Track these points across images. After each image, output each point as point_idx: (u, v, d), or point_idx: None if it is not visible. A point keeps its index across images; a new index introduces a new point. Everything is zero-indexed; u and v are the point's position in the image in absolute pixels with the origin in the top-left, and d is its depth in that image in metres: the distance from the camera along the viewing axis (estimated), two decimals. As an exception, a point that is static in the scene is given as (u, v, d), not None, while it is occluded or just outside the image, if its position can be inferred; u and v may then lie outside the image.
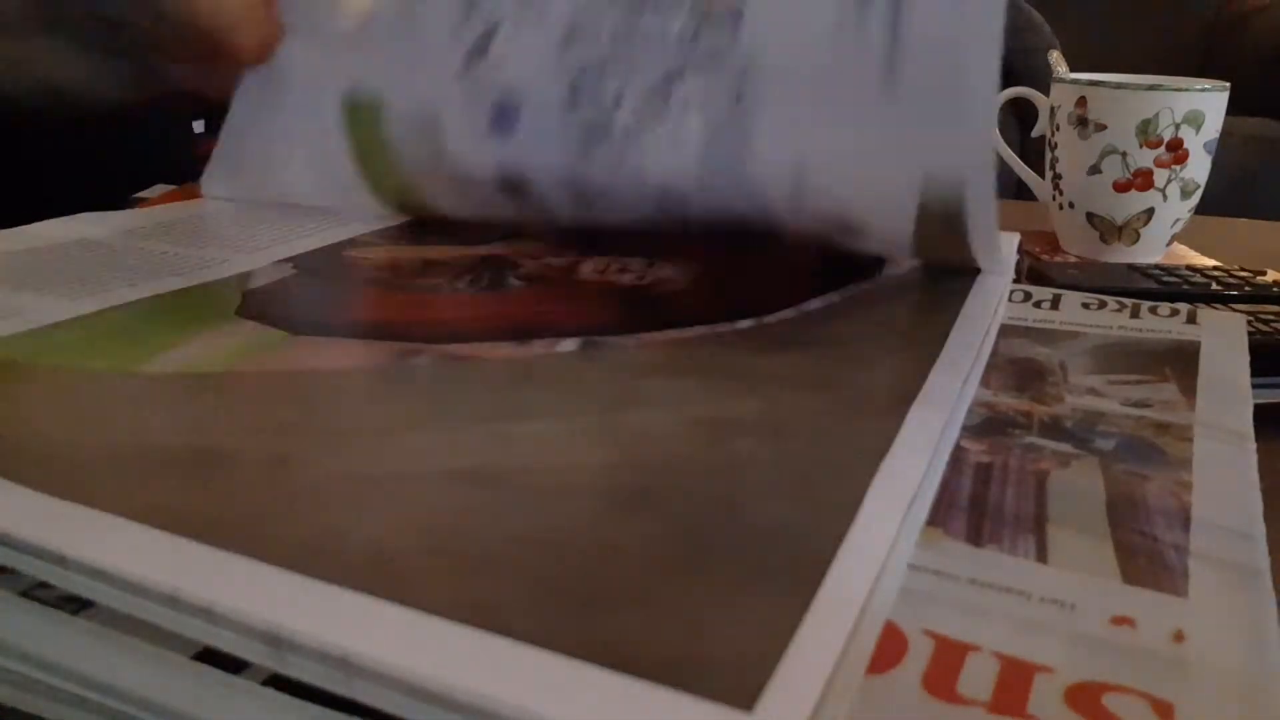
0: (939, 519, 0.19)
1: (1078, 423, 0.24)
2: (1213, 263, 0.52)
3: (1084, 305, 0.33)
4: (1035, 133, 0.58)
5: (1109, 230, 0.54)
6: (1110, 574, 0.18)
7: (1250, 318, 0.33)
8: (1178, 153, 0.52)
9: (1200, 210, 0.55)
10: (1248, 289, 0.39)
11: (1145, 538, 0.19)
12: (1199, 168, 0.53)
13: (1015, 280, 0.33)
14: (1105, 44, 1.77)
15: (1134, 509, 0.20)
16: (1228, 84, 0.53)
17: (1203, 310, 0.32)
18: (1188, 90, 0.51)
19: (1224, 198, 0.73)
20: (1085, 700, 0.15)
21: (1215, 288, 0.39)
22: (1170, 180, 0.53)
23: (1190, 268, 0.42)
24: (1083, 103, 0.53)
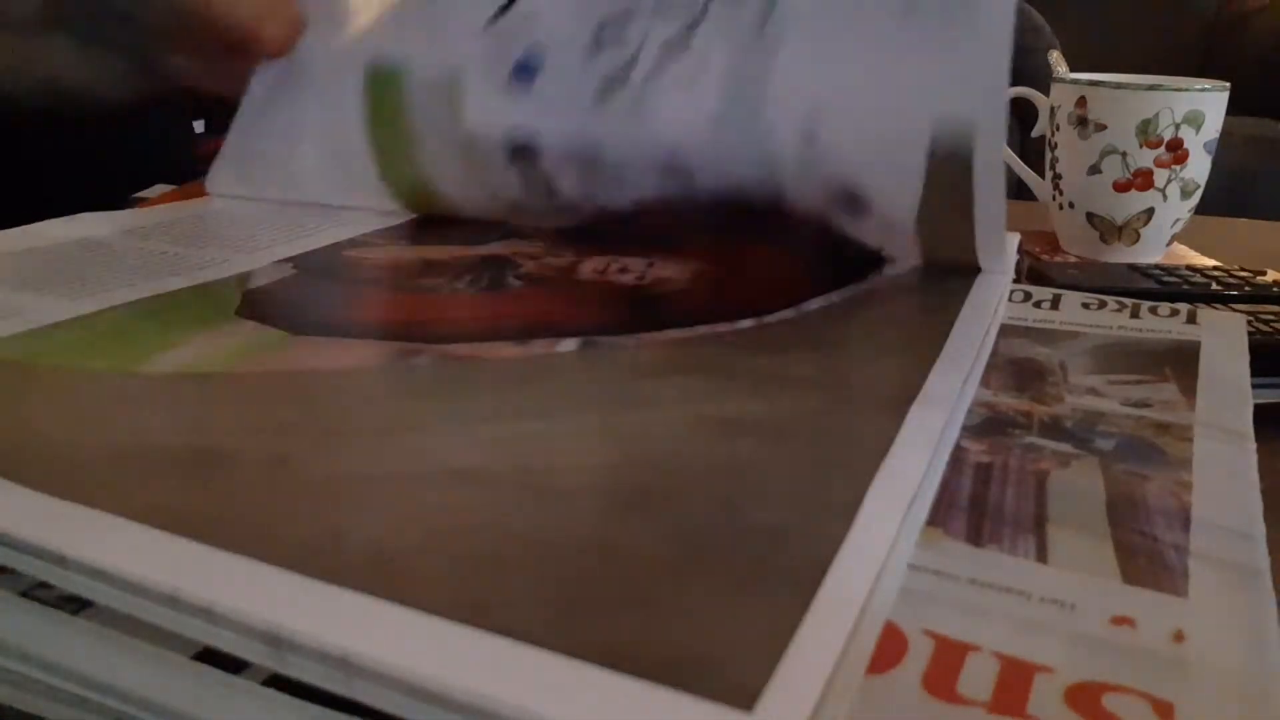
0: (939, 519, 0.19)
1: (1078, 423, 0.24)
2: (1213, 263, 0.52)
3: (1084, 305, 0.33)
4: (1035, 133, 0.58)
5: (1109, 230, 0.54)
6: (1110, 574, 0.18)
7: (1250, 318, 0.33)
8: (1178, 153, 0.52)
9: (1200, 210, 0.55)
10: (1248, 289, 0.39)
11: (1145, 538, 0.19)
12: (1199, 168, 0.53)
13: (1015, 280, 0.33)
14: (1105, 44, 1.77)
15: (1134, 509, 0.20)
16: (1228, 84, 0.52)
17: (1203, 310, 0.32)
18: (1188, 90, 0.51)
19: (1224, 198, 0.73)
20: (1085, 700, 0.15)
21: (1215, 288, 0.39)
22: (1170, 180, 0.52)
23: (1190, 268, 0.42)
24: (1083, 103, 0.53)
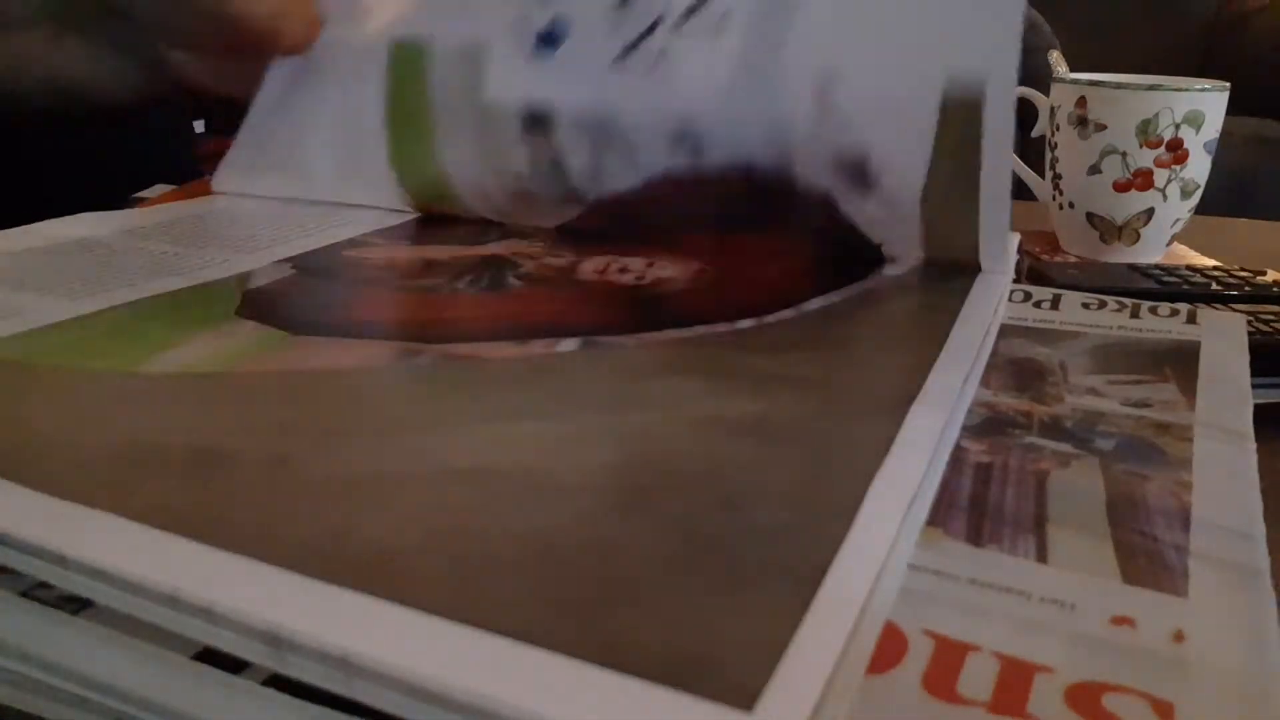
0: (939, 519, 0.19)
1: (1078, 423, 0.24)
2: (1213, 263, 0.52)
3: (1084, 305, 0.33)
4: (1035, 133, 0.58)
5: (1109, 230, 0.54)
6: (1110, 574, 0.18)
7: (1250, 318, 0.33)
8: (1178, 153, 0.52)
9: (1200, 210, 0.55)
10: (1248, 289, 0.39)
11: (1145, 538, 0.19)
12: (1199, 168, 0.53)
13: (1015, 280, 0.33)
14: (1105, 44, 1.77)
15: (1134, 509, 0.20)
16: (1228, 84, 0.52)
17: (1203, 310, 0.32)
18: (1188, 90, 0.51)
19: (1224, 198, 0.73)
20: (1085, 700, 0.15)
21: (1215, 288, 0.39)
22: (1170, 180, 0.52)
23: (1190, 268, 0.42)
24: (1083, 103, 0.53)
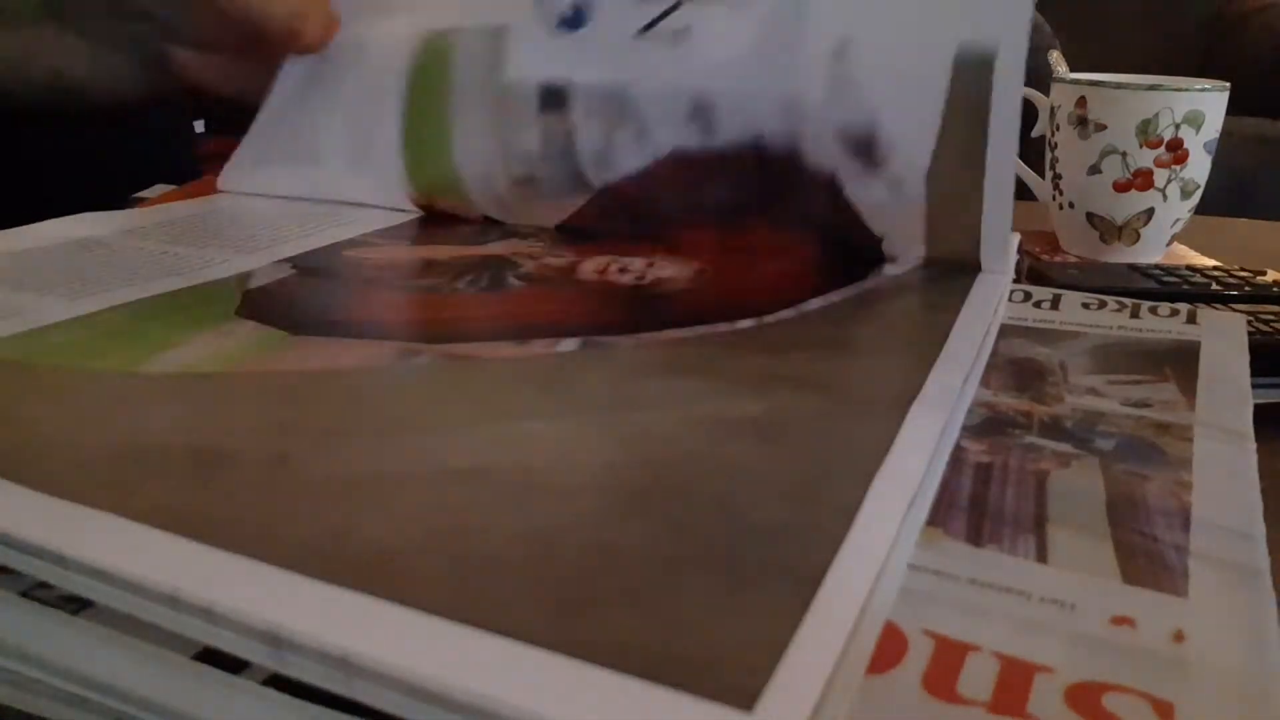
0: (939, 519, 0.19)
1: (1078, 423, 0.24)
2: (1213, 263, 0.52)
3: (1084, 305, 0.33)
4: (1035, 133, 0.58)
5: (1109, 230, 0.54)
6: (1110, 574, 0.18)
7: (1250, 318, 0.33)
8: (1178, 153, 0.52)
9: (1200, 210, 0.55)
10: (1248, 289, 0.39)
11: (1145, 538, 0.19)
12: (1199, 168, 0.53)
13: (1015, 280, 0.33)
14: (1105, 44, 1.77)
15: (1134, 509, 0.20)
16: (1228, 84, 0.52)
17: (1203, 310, 0.32)
18: (1188, 90, 0.51)
19: (1224, 198, 0.73)
20: (1085, 700, 0.15)
21: (1215, 288, 0.39)
22: (1170, 180, 0.52)
23: (1190, 268, 0.42)
24: (1083, 103, 0.53)
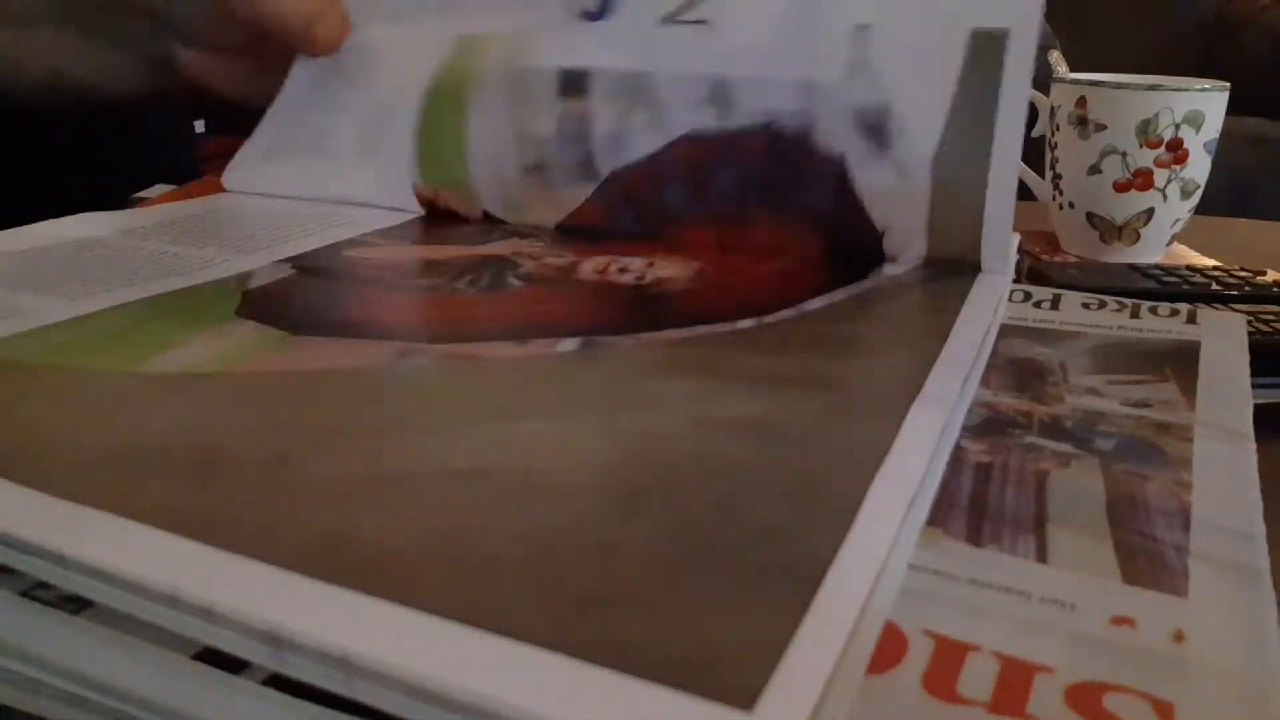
0: (939, 519, 0.19)
1: (1078, 423, 0.24)
2: (1213, 263, 0.52)
3: (1084, 305, 0.33)
4: (1035, 133, 0.58)
5: (1109, 230, 0.54)
6: (1110, 574, 0.18)
7: (1250, 318, 0.33)
8: (1178, 153, 0.52)
9: (1200, 210, 0.55)
10: (1248, 289, 0.39)
11: (1145, 538, 0.19)
12: (1199, 168, 0.53)
13: (1015, 280, 0.33)
14: (1105, 44, 1.77)
15: (1134, 509, 0.20)
16: (1228, 84, 0.52)
17: (1203, 310, 0.32)
18: (1188, 90, 0.51)
19: (1224, 198, 0.73)
20: (1085, 700, 0.15)
21: (1215, 288, 0.39)
22: (1170, 180, 0.52)
23: (1190, 268, 0.42)
24: (1083, 103, 0.53)
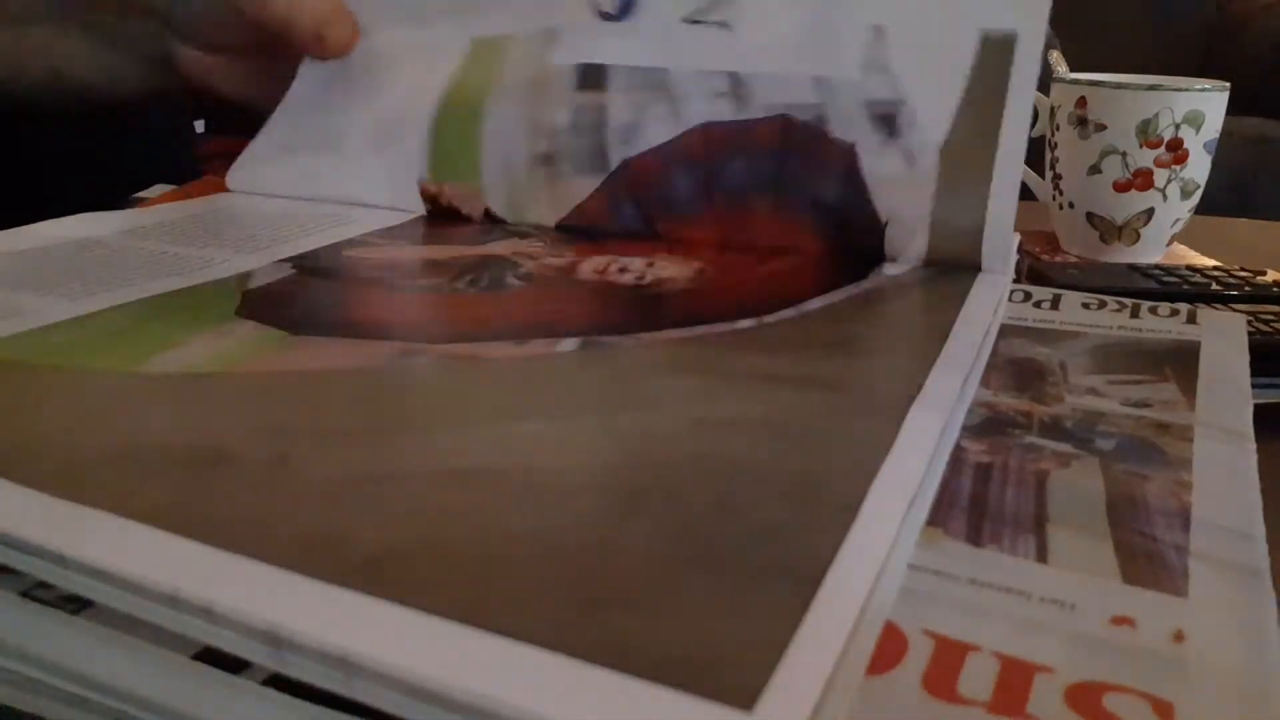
0: (939, 519, 0.19)
1: (1078, 423, 0.24)
2: (1213, 263, 0.52)
3: (1084, 305, 0.33)
4: (1035, 133, 0.58)
5: (1109, 230, 0.54)
6: (1110, 574, 0.18)
7: (1250, 318, 0.33)
8: (1178, 153, 0.52)
9: (1200, 210, 0.55)
10: (1248, 289, 0.39)
11: (1145, 538, 0.19)
12: (1199, 168, 0.53)
13: (1015, 280, 0.33)
14: (1105, 44, 1.77)
15: (1134, 509, 0.20)
16: (1228, 84, 0.52)
17: (1203, 310, 0.32)
18: (1188, 90, 0.51)
19: (1224, 198, 0.73)
20: (1085, 700, 0.15)
21: (1215, 288, 0.39)
22: (1170, 180, 0.52)
23: (1190, 268, 0.42)
24: (1083, 103, 0.53)
